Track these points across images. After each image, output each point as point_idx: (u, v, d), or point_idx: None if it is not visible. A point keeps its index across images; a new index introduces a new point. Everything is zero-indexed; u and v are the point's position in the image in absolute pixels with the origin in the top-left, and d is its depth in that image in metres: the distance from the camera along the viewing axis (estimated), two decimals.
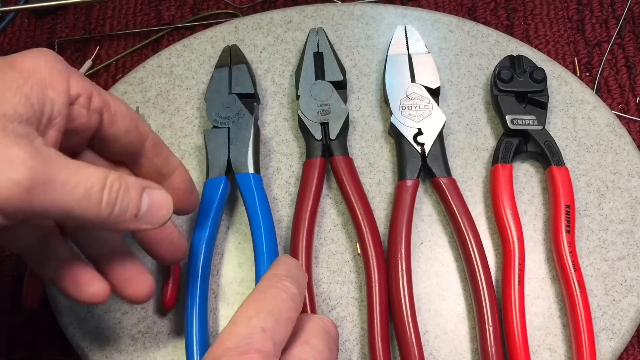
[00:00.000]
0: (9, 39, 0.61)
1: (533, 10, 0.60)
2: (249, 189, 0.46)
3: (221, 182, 0.47)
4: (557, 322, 0.46)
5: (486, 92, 0.53)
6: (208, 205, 0.46)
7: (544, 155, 0.49)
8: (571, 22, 0.59)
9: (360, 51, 0.55)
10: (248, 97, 0.50)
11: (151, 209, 0.34)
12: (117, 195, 0.32)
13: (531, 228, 0.48)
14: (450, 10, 0.59)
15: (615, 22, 0.59)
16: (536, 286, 0.47)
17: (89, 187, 0.31)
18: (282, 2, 0.61)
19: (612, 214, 0.49)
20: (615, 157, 0.51)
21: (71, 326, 0.46)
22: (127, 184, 0.33)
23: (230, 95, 0.50)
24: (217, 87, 0.50)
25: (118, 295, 0.38)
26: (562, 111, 0.52)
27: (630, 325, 0.46)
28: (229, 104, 0.49)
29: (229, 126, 0.49)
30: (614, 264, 0.47)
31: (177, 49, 0.55)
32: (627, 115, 0.55)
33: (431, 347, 0.45)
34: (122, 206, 0.32)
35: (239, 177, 0.47)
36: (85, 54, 0.59)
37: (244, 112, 0.49)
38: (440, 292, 0.47)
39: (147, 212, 0.34)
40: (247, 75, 0.51)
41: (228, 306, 0.46)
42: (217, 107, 0.49)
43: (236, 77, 0.51)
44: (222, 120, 0.49)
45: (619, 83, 0.56)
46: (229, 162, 0.47)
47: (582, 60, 0.57)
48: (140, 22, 0.61)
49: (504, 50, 0.55)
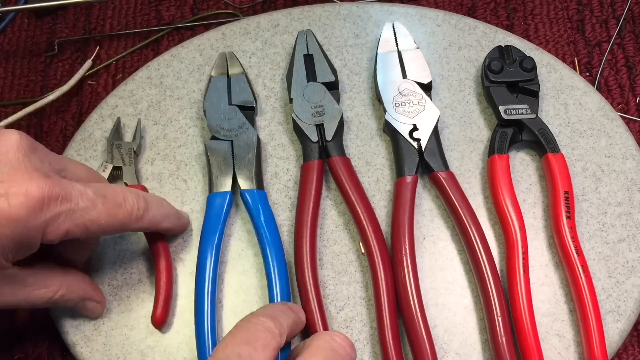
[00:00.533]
0: (9, 39, 0.61)
1: (533, 10, 0.60)
2: (256, 207, 0.47)
3: (226, 197, 0.47)
4: (564, 308, 0.46)
5: (477, 84, 0.53)
6: (215, 220, 0.46)
7: (539, 143, 0.49)
8: (571, 22, 0.59)
9: (350, 50, 0.55)
10: (248, 109, 0.50)
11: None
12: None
13: (531, 216, 0.49)
14: (450, 10, 0.59)
15: (615, 22, 0.59)
16: (540, 273, 0.47)
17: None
18: (282, 2, 0.60)
19: (609, 197, 0.49)
20: (608, 140, 0.51)
21: (78, 345, 0.46)
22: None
23: (231, 106, 0.50)
24: (216, 97, 0.50)
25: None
26: (554, 98, 0.53)
27: (636, 305, 0.46)
28: (231, 115, 0.49)
29: (232, 139, 0.49)
30: (615, 246, 0.48)
31: (165, 59, 0.55)
32: (627, 115, 0.55)
33: (441, 341, 0.45)
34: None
35: (245, 193, 0.47)
36: (85, 54, 0.59)
37: (247, 126, 0.49)
38: (446, 285, 0.47)
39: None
40: (247, 86, 0.51)
41: (235, 315, 0.46)
42: (218, 118, 0.49)
43: (235, 87, 0.51)
44: (224, 132, 0.49)
45: (619, 83, 0.56)
46: (235, 176, 0.48)
47: (582, 60, 0.57)
48: (140, 22, 0.61)
49: (492, 42, 0.55)
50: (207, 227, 0.46)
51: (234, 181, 0.48)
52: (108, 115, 0.53)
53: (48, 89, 0.58)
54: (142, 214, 0.41)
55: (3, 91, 0.58)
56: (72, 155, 0.52)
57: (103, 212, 0.38)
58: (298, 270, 0.45)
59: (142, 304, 0.47)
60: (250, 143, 0.48)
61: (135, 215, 0.41)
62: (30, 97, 0.57)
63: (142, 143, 0.52)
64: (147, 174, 0.51)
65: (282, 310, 0.39)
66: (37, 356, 0.47)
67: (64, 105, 0.56)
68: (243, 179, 0.48)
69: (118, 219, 0.40)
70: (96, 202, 0.38)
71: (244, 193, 0.47)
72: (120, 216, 0.40)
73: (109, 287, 0.47)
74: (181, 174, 0.51)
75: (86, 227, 0.37)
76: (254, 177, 0.48)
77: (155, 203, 0.43)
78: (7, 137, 0.36)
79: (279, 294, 0.44)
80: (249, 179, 0.47)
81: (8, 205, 0.33)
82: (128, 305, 0.47)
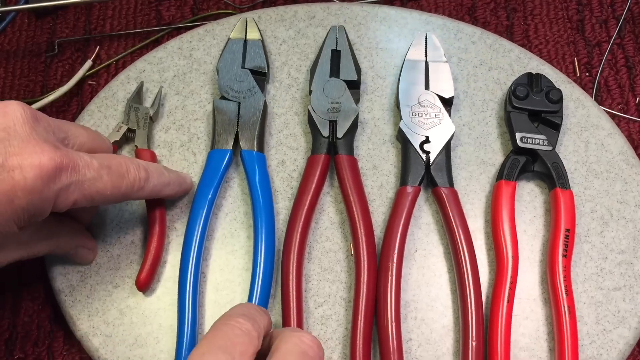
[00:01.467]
0: (9, 39, 0.61)
1: (533, 10, 0.59)
2: (252, 167, 0.48)
3: (226, 155, 0.49)
4: (544, 345, 0.45)
5: (500, 107, 0.53)
6: (211, 175, 0.48)
7: (550, 176, 0.48)
8: (571, 22, 0.58)
9: (380, 53, 0.55)
10: (260, 74, 0.52)
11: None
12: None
13: (528, 248, 0.48)
14: (451, 10, 0.59)
15: (615, 22, 0.58)
16: (526, 307, 0.46)
17: None
18: (281, 2, 0.60)
19: (613, 243, 0.48)
20: (624, 186, 0.50)
21: (63, 293, 0.47)
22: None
23: (243, 69, 0.51)
24: (230, 58, 0.52)
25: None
26: (576, 134, 0.52)
27: (618, 357, 0.45)
28: (242, 78, 0.50)
29: (239, 101, 0.50)
30: (608, 293, 0.47)
31: (199, 33, 0.56)
32: (627, 115, 0.54)
33: (413, 355, 0.45)
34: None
35: (244, 153, 0.49)
36: (86, 54, 0.59)
37: (256, 90, 0.50)
38: (429, 301, 0.46)
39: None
40: (262, 52, 0.52)
41: (217, 291, 0.47)
42: (230, 79, 0.51)
43: (250, 51, 0.52)
44: (233, 93, 0.50)
45: (618, 83, 0.55)
46: (237, 136, 0.49)
47: (582, 60, 0.57)
48: (140, 22, 0.61)
49: (525, 67, 0.54)
50: (204, 181, 0.48)
51: (236, 142, 0.49)
52: (135, 78, 0.54)
53: (48, 89, 0.58)
54: (143, 184, 0.42)
55: (3, 91, 0.58)
56: (94, 110, 0.53)
57: (108, 183, 0.39)
58: (284, 259, 0.46)
59: (129, 265, 0.48)
60: (257, 106, 0.50)
61: (137, 186, 0.42)
62: (31, 97, 0.57)
63: (161, 110, 0.53)
64: (159, 140, 0.52)
65: (257, 311, 0.38)
66: (37, 356, 0.48)
67: (64, 106, 0.57)
68: (245, 140, 0.49)
69: (122, 191, 0.41)
70: (102, 173, 0.39)
71: (243, 153, 0.49)
72: (124, 187, 0.41)
73: (102, 242, 0.48)
74: (192, 147, 0.51)
75: (92, 197, 0.39)
76: (256, 139, 0.49)
77: (155, 172, 0.44)
78: (11, 109, 0.36)
79: (261, 279, 0.45)
80: (250, 140, 0.49)
81: (24, 177, 0.34)
82: (116, 264, 0.48)
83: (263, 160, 0.49)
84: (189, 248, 0.46)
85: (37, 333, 0.49)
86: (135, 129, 0.50)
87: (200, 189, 0.48)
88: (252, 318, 0.36)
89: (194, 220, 0.46)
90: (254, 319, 0.36)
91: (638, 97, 0.55)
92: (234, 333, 0.34)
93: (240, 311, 0.36)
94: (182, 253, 0.46)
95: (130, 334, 0.46)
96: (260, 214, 0.47)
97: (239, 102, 0.50)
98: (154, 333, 0.46)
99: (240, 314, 0.36)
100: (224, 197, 0.50)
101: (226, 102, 0.50)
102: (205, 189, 0.47)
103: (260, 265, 0.45)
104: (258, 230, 0.46)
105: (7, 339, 0.49)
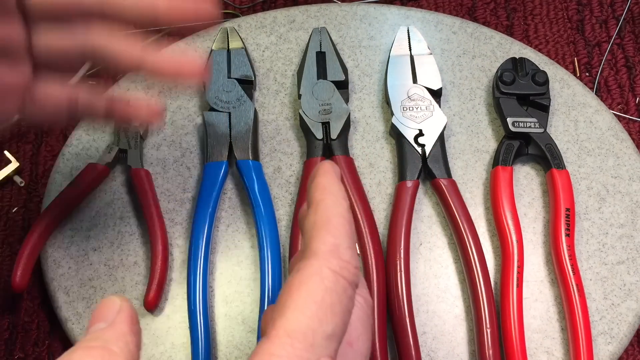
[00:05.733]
0: None
1: (533, 10, 0.60)
2: (250, 177, 0.48)
3: (222, 166, 0.48)
4: (555, 325, 0.46)
5: (488, 94, 0.53)
6: (210, 188, 0.48)
7: (544, 158, 0.49)
8: (571, 23, 0.59)
9: (363, 51, 0.55)
10: (247, 83, 0.52)
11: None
12: None
13: (531, 231, 0.48)
14: (451, 11, 0.59)
15: (615, 22, 0.59)
16: (535, 289, 0.47)
17: None
18: (281, 2, 0.60)
19: (612, 217, 0.49)
20: (616, 160, 0.51)
21: (70, 322, 0.46)
22: None
23: (229, 79, 0.51)
24: (215, 69, 0.52)
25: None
26: (564, 114, 0.52)
27: (629, 329, 0.46)
28: (229, 88, 0.50)
29: (229, 111, 0.50)
30: (613, 268, 0.47)
31: (180, 47, 0.56)
32: (627, 116, 0.54)
33: (429, 348, 0.45)
34: None
35: (240, 164, 0.48)
36: None
37: (245, 99, 0.50)
38: (438, 293, 0.47)
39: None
40: (246, 60, 0.52)
41: (227, 304, 0.47)
42: (217, 90, 0.50)
43: (235, 61, 0.52)
44: (222, 104, 0.50)
45: (618, 83, 0.56)
46: (231, 147, 0.49)
47: (582, 60, 0.57)
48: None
49: (507, 53, 0.55)
50: (203, 194, 0.47)
51: (230, 152, 0.49)
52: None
53: None
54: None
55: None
56: (81, 134, 0.52)
57: None
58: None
59: (135, 287, 0.47)
60: (248, 115, 0.50)
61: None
62: None
63: (150, 128, 0.52)
64: (152, 158, 0.51)
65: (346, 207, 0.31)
66: (37, 356, 0.48)
67: None
68: (239, 150, 0.49)
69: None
70: None
71: (239, 163, 0.48)
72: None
73: (105, 267, 0.48)
74: (185, 161, 0.51)
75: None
76: (250, 148, 0.49)
77: None
78: None
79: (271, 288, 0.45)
80: (245, 150, 0.49)
81: None
82: (122, 287, 0.47)
83: (260, 169, 0.49)
84: (195, 263, 0.45)
85: (37, 333, 0.48)
86: (126, 149, 0.50)
87: (199, 203, 0.47)
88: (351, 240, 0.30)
89: (197, 235, 0.46)
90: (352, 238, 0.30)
91: (638, 97, 0.55)
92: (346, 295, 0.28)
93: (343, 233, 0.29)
94: (188, 269, 0.45)
95: (143, 356, 0.45)
96: (263, 223, 0.46)
97: (229, 113, 0.50)
98: (167, 352, 0.45)
99: (346, 246, 0.29)
100: (223, 209, 0.49)
101: (216, 114, 0.50)
102: (205, 202, 0.47)
103: (269, 275, 0.45)
104: (262, 239, 0.46)
105: (7, 339, 0.48)
